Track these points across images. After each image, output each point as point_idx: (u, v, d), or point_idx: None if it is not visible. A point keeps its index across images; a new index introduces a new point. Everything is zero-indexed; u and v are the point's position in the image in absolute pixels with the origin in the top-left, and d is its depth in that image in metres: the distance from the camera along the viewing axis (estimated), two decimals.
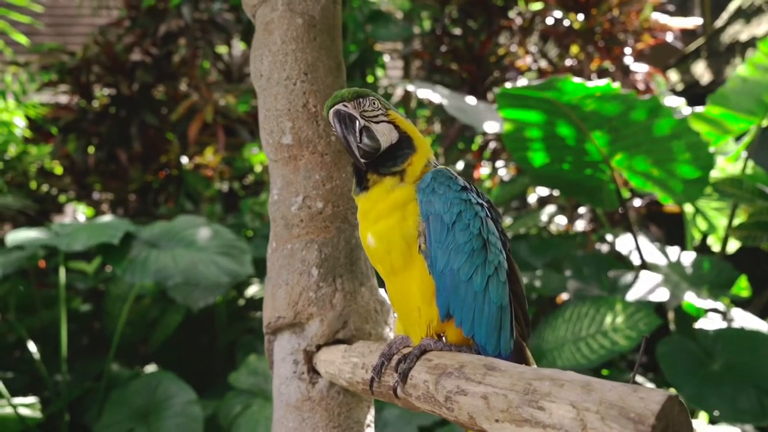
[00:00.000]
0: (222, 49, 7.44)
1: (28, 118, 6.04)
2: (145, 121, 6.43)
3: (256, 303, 5.69)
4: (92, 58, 6.44)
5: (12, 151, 6.24)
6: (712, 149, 4.09)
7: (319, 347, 1.66)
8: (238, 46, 7.90)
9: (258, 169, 7.20)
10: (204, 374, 5.15)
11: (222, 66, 7.34)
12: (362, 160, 1.34)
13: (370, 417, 1.71)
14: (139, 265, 3.80)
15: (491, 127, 4.47)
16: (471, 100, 4.82)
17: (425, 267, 1.32)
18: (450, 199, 1.32)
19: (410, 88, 5.31)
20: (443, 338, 1.33)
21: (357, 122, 1.35)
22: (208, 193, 6.12)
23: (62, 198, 6.99)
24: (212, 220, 5.57)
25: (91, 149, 6.69)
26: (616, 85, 3.63)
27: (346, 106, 1.36)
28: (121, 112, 6.59)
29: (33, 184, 6.75)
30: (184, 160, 6.83)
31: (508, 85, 4.12)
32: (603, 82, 3.66)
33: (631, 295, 4.19)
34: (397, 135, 1.38)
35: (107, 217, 4.60)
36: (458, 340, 1.32)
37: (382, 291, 1.77)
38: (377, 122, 1.37)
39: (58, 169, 6.94)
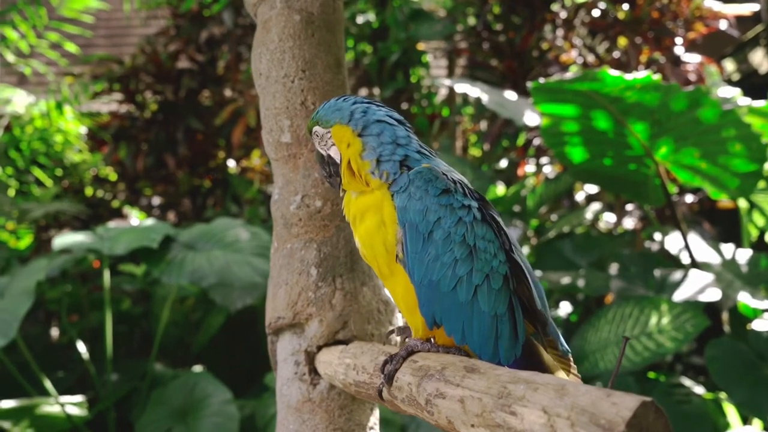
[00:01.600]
0: None
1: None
2: (191, 126, 6.57)
3: None
4: (140, 66, 6.63)
5: (76, 156, 6.46)
6: (765, 141, 3.88)
7: (319, 348, 1.64)
8: None
9: None
10: (247, 375, 5.21)
11: None
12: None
13: (374, 419, 1.67)
14: (175, 267, 3.87)
15: (532, 119, 4.36)
16: (511, 95, 4.72)
17: (407, 275, 1.25)
18: (426, 205, 1.22)
19: (448, 83, 5.24)
20: (432, 340, 1.27)
21: (322, 156, 1.40)
22: (249, 195, 6.20)
23: (115, 203, 7.21)
24: (254, 223, 5.64)
25: (141, 155, 6.87)
26: (657, 76, 3.48)
27: (313, 142, 1.42)
28: (168, 118, 6.75)
29: (88, 191, 6.99)
30: (231, 163, 6.94)
31: (529, 83, 4.01)
32: (644, 73, 3.51)
33: (679, 295, 4.02)
34: (338, 154, 1.37)
35: (150, 221, 4.71)
36: (449, 343, 1.25)
37: (386, 290, 1.73)
38: (330, 146, 1.38)
39: (113, 176, 7.16)
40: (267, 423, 3.76)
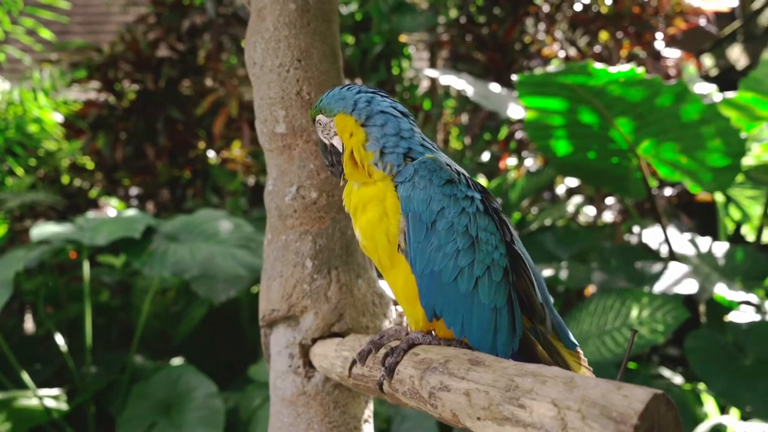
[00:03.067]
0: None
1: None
2: (171, 116, 6.49)
3: None
4: (119, 54, 6.52)
5: (52, 144, 6.34)
6: (744, 135, 3.93)
7: (314, 341, 1.62)
8: None
9: None
10: (229, 367, 5.18)
11: None
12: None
13: (368, 412, 1.67)
14: (157, 259, 3.81)
15: (515, 112, 4.37)
16: (495, 87, 4.73)
17: (408, 266, 1.25)
18: (430, 195, 1.22)
19: (433, 74, 5.24)
20: (432, 332, 1.27)
21: (325, 146, 1.40)
22: (232, 187, 6.14)
23: (93, 193, 7.09)
24: (236, 214, 5.59)
25: (119, 145, 6.77)
26: (640, 70, 3.50)
27: (315, 130, 1.42)
28: (147, 107, 6.65)
29: (65, 179, 6.87)
30: (211, 154, 6.87)
31: (514, 76, 4.02)
32: (627, 67, 3.54)
33: (659, 288, 4.07)
34: (341, 144, 1.36)
35: (131, 212, 4.64)
36: (449, 335, 1.25)
37: (381, 283, 1.72)
38: (333, 135, 1.37)
39: (90, 165, 7.05)
40: (251, 416, 3.74)
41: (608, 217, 6.04)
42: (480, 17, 6.69)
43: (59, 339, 4.43)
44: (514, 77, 3.79)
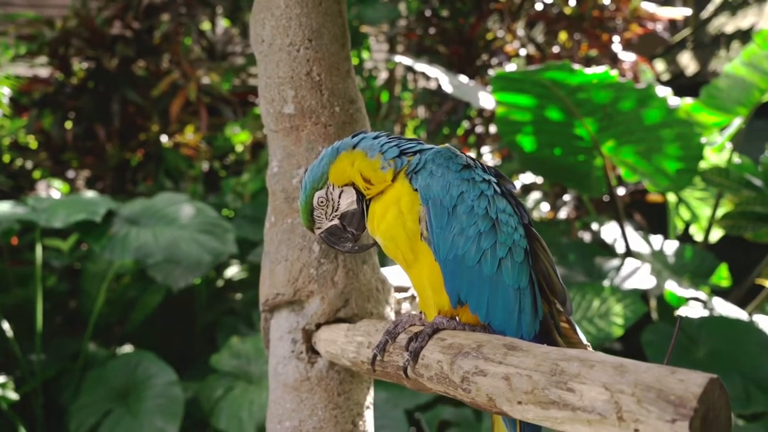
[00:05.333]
0: (206, 26, 7.29)
1: None
2: (126, 96, 6.26)
3: (235, 284, 5.60)
4: (72, 30, 6.25)
5: None
6: (703, 140, 4.09)
7: (318, 326, 1.60)
8: (222, 24, 7.74)
9: (239, 149, 7.09)
10: (182, 356, 5.06)
11: (205, 43, 7.18)
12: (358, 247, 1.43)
13: (370, 398, 1.66)
14: (118, 243, 3.69)
15: (487, 101, 4.42)
16: (463, 78, 4.77)
17: (431, 255, 1.27)
18: (449, 181, 1.25)
19: (406, 61, 5.23)
20: (456, 318, 1.27)
21: (336, 231, 1.39)
22: (193, 173, 6.00)
23: (37, 174, 6.80)
24: (195, 200, 5.46)
25: (68, 124, 6.51)
26: (614, 72, 3.60)
27: (318, 228, 1.40)
28: (100, 87, 6.41)
29: (6, 158, 6.56)
30: (164, 138, 6.68)
31: (494, 70, 4.07)
32: (601, 69, 3.63)
33: (617, 283, 4.19)
34: (353, 192, 1.36)
35: (89, 193, 4.47)
36: (473, 321, 1.26)
37: (383, 270, 1.71)
38: (338, 206, 1.37)
39: (33, 144, 6.75)
40: (213, 406, 3.66)
41: (562, 213, 6.18)
42: (443, 10, 6.71)
43: (5, 325, 4.24)
44: (490, 72, 3.82)
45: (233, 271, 5.47)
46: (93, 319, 4.24)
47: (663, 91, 4.95)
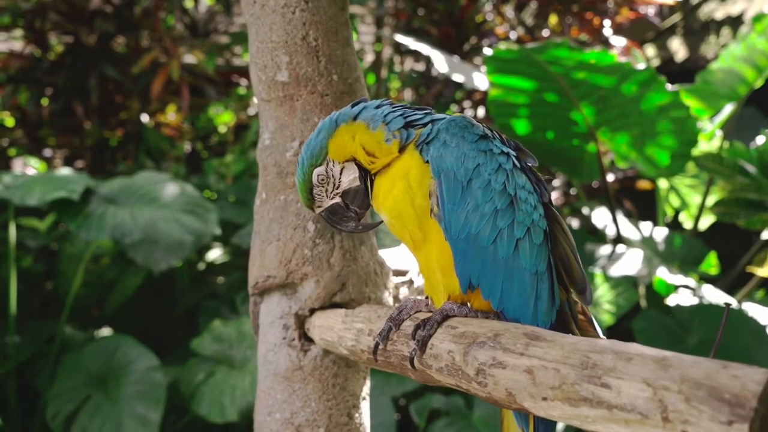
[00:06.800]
0: (188, 3, 7.09)
1: None
2: (105, 73, 6.06)
3: (218, 268, 5.47)
4: (48, 2, 6.02)
5: None
6: (699, 124, 4.03)
7: (312, 311, 1.49)
8: (205, 1, 7.54)
9: (222, 129, 6.93)
10: (162, 339, 4.93)
11: (188, 20, 6.98)
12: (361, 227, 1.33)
13: (366, 389, 1.56)
14: (95, 222, 3.54)
15: (481, 82, 4.31)
16: (455, 58, 4.66)
17: (442, 233, 1.16)
18: (464, 152, 1.14)
19: (404, 40, 5.10)
20: (468, 304, 1.16)
21: (338, 210, 1.29)
22: (176, 153, 5.83)
23: (12, 151, 6.59)
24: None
25: (44, 101, 6.30)
26: (613, 52, 3.50)
27: (318, 206, 1.29)
28: (78, 62, 6.19)
29: None
30: (145, 117, 6.49)
31: (488, 50, 3.96)
32: (598, 50, 3.53)
33: (608, 269, 4.13)
34: (355, 168, 1.25)
35: (65, 171, 4.30)
36: (486, 308, 1.15)
37: (383, 252, 1.60)
38: (339, 183, 1.26)
39: (9, 121, 6.53)
40: (194, 391, 3.55)
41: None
42: None
43: None
44: (488, 51, 3.71)
45: (216, 254, 5.34)
46: (70, 301, 4.09)
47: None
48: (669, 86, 4.46)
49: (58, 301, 4.80)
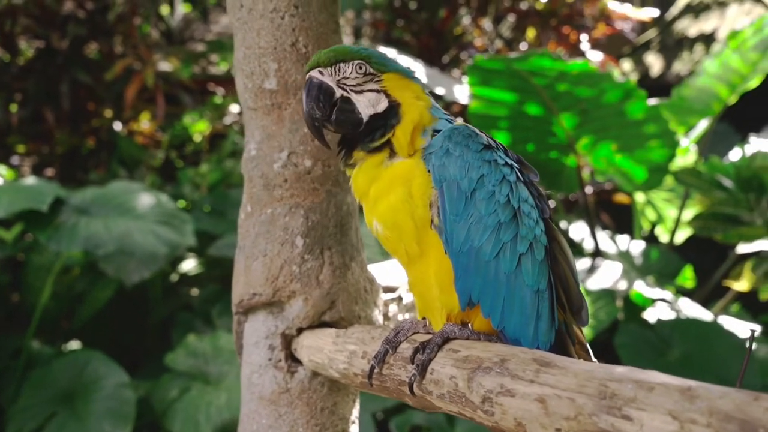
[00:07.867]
0: (164, 10, 6.98)
1: None
2: (77, 79, 5.92)
3: (191, 279, 5.34)
4: (19, 5, 5.87)
5: None
6: (678, 138, 4.05)
7: (300, 331, 1.42)
8: (180, 9, 7.44)
9: (197, 138, 6.82)
10: (134, 352, 4.78)
11: (163, 27, 6.88)
12: (322, 140, 1.18)
13: (356, 412, 1.49)
14: (66, 233, 3.42)
15: (462, 95, 4.29)
16: (435, 70, 4.64)
17: (442, 247, 1.10)
18: (468, 161, 1.08)
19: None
20: (469, 326, 1.10)
21: (331, 95, 1.15)
22: (154, 162, 5.71)
23: None
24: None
25: (13, 107, 6.13)
26: (594, 64, 3.50)
27: (321, 72, 1.15)
28: (49, 68, 6.04)
29: None
30: (118, 125, 6.35)
31: (463, 65, 3.95)
32: (581, 60, 3.53)
33: (588, 283, 4.11)
34: (386, 103, 1.15)
35: (31, 180, 4.16)
36: (487, 330, 1.10)
37: (371, 267, 1.54)
38: (361, 91, 1.15)
39: None
40: (167, 408, 3.43)
41: None
42: (412, 2, 6.57)
43: None
44: (470, 61, 3.68)
45: (190, 265, 5.22)
46: (37, 314, 3.95)
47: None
48: (649, 100, 4.50)
49: (24, 314, 4.63)
